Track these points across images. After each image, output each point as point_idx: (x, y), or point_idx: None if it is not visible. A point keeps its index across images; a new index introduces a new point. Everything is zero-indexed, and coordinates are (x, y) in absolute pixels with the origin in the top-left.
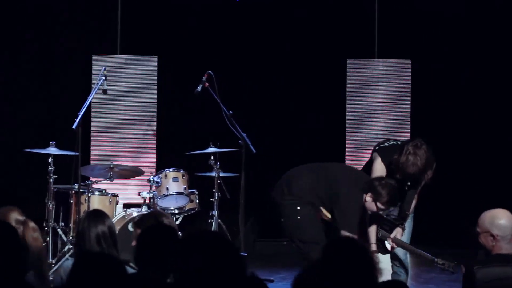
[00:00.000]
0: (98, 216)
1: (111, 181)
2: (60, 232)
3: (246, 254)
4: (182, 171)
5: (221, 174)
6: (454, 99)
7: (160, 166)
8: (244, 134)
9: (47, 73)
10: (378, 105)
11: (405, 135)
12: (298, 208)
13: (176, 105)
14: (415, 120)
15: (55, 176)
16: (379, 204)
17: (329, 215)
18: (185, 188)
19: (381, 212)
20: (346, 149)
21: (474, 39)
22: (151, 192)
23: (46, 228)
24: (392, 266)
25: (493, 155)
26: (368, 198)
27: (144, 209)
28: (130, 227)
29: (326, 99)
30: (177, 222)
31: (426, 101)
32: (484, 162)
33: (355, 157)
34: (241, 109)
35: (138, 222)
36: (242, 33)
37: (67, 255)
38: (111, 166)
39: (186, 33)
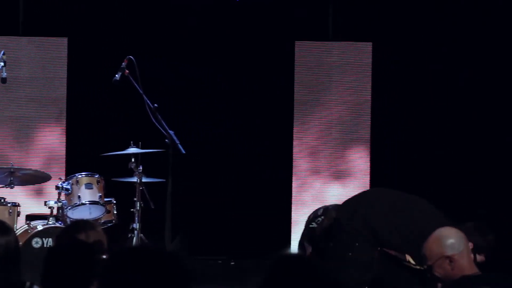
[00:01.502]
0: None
1: (11, 187)
2: None
3: None
4: (97, 176)
5: (144, 180)
6: (422, 90)
7: (71, 171)
8: (171, 132)
9: None
10: (332, 95)
11: (365, 130)
12: (357, 244)
13: (90, 96)
14: (376, 114)
15: None
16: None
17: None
18: (100, 197)
19: None
20: (294, 151)
21: (444, 18)
22: (60, 201)
23: None
24: None
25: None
26: None
27: (52, 222)
28: (34, 243)
29: (270, 89)
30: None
31: (390, 90)
32: (452, 156)
33: (305, 160)
34: (168, 101)
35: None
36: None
37: None
38: (11, 170)
39: (103, 10)
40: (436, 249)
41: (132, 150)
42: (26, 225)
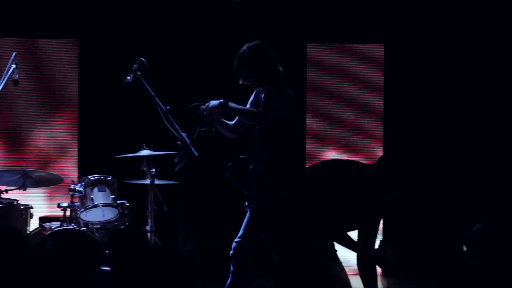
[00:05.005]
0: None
1: (24, 190)
2: None
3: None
4: (109, 178)
5: (157, 182)
6: (434, 91)
7: (83, 173)
8: (184, 134)
9: None
10: (344, 97)
11: (377, 133)
12: None
13: (102, 98)
14: (388, 116)
15: None
16: None
17: None
18: (113, 199)
19: None
20: (306, 152)
21: (455, 18)
22: (73, 204)
23: None
24: None
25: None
26: None
27: (65, 224)
28: (47, 245)
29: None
30: (104, 239)
31: (402, 92)
32: (467, 157)
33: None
34: (179, 103)
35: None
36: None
37: None
38: (24, 172)
39: (114, 12)
40: None
41: (145, 152)
42: (39, 227)
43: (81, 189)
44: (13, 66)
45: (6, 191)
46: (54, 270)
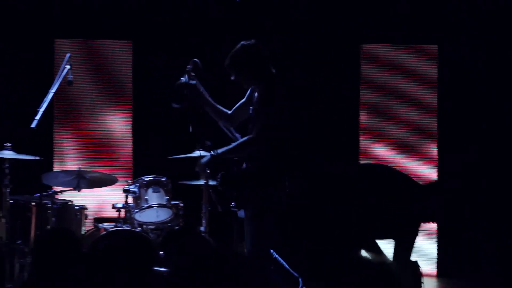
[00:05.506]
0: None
1: (79, 190)
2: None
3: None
4: (164, 179)
5: (211, 183)
6: (488, 92)
7: (138, 173)
8: (238, 135)
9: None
10: (398, 99)
11: (432, 135)
12: None
13: (156, 99)
14: (443, 118)
15: (11, 185)
16: None
17: None
18: (167, 200)
19: None
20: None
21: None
22: (127, 204)
23: None
24: None
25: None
26: None
27: (120, 225)
28: (101, 246)
29: (336, 92)
30: (158, 240)
31: (456, 93)
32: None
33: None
34: (233, 103)
35: None
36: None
37: None
38: (79, 172)
39: (167, 14)
40: None
41: (199, 153)
42: (94, 228)
43: (136, 189)
44: (68, 67)
45: (61, 191)
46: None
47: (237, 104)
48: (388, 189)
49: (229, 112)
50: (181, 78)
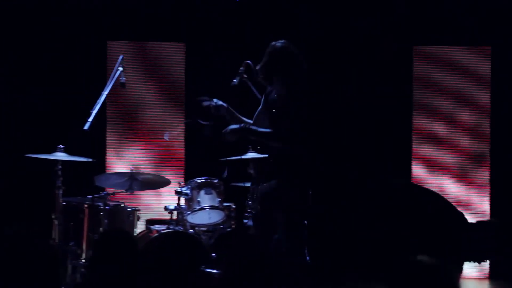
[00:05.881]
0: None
1: (131, 192)
2: (70, 254)
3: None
4: (216, 180)
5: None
6: None
7: (190, 175)
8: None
9: (52, 64)
10: (451, 100)
11: (485, 139)
12: None
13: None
14: (496, 121)
15: (64, 187)
16: None
17: None
18: (219, 202)
19: None
20: (413, 158)
21: None
22: (179, 206)
23: None
24: None
25: None
26: None
27: (172, 227)
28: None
29: (389, 94)
30: (210, 242)
31: (510, 95)
32: None
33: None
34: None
35: None
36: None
37: None
38: (131, 174)
39: (219, 16)
40: None
41: (251, 155)
42: (146, 230)
43: (188, 191)
44: (120, 68)
45: (114, 193)
46: (161, 272)
47: (256, 112)
48: (438, 221)
49: (251, 121)
50: (234, 80)
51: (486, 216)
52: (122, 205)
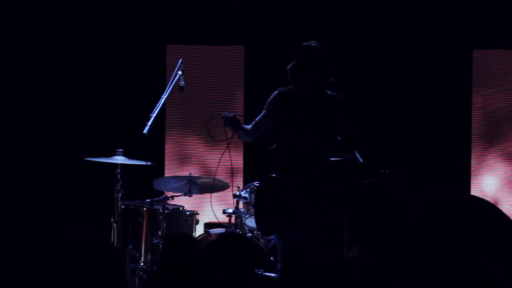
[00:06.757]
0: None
1: (190, 196)
2: (129, 258)
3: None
4: None
5: None
6: None
7: (248, 179)
8: None
9: (111, 68)
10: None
11: None
12: None
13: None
14: None
15: (123, 191)
16: None
17: None
18: None
19: None
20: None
21: None
22: (238, 210)
23: None
24: None
25: None
26: None
27: (230, 230)
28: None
29: (447, 98)
30: (269, 246)
31: None
32: None
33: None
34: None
35: None
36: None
37: None
38: (190, 178)
39: (277, 19)
40: None
41: None
42: (205, 233)
43: (246, 195)
44: (180, 72)
45: (173, 197)
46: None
47: (257, 119)
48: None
49: (249, 126)
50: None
51: None
52: (181, 208)
